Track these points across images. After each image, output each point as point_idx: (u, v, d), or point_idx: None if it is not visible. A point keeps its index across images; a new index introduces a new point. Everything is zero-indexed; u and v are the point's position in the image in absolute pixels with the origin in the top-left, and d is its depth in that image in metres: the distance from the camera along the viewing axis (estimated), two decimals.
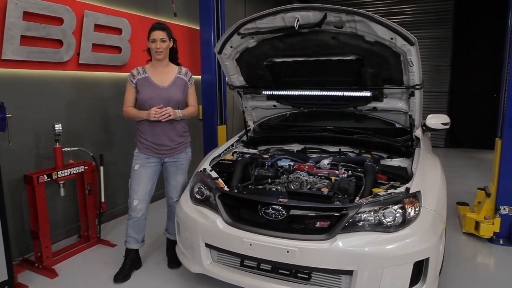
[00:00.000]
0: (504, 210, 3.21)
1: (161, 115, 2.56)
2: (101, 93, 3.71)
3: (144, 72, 2.70)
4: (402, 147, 2.85)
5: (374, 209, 2.09)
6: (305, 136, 3.25)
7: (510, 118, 3.09)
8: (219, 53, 2.87)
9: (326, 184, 2.50)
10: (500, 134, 3.24)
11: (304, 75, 2.92)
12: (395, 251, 1.99)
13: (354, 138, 3.07)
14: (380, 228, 2.06)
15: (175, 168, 2.80)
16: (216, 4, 4.32)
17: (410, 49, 2.34)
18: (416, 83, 2.59)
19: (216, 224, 2.29)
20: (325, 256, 2.02)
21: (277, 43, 2.69)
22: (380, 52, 2.49)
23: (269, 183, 2.68)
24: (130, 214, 2.74)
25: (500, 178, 3.20)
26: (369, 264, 1.97)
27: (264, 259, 2.17)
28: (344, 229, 2.04)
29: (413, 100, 2.73)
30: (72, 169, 3.03)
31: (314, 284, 2.13)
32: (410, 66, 2.47)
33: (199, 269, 2.42)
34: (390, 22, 2.23)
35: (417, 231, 2.06)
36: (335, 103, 3.09)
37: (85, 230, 3.31)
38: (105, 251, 3.20)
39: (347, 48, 2.55)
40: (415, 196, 2.16)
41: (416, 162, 2.52)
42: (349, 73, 2.76)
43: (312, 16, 2.35)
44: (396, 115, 3.01)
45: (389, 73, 2.64)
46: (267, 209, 2.16)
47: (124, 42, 3.78)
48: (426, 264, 2.05)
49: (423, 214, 2.12)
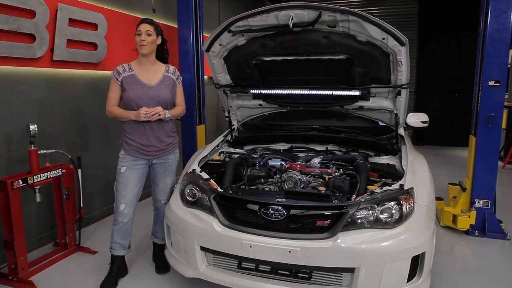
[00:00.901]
0: (479, 203, 3.39)
1: (151, 115, 2.45)
2: (76, 92, 3.51)
3: (130, 69, 2.56)
4: (388, 145, 2.93)
5: (372, 207, 2.12)
6: (292, 135, 3.25)
7: (484, 117, 3.27)
8: (207, 50, 2.80)
9: (320, 182, 2.51)
10: (474, 132, 3.42)
11: (293, 74, 2.92)
12: (395, 247, 2.03)
13: (341, 137, 3.12)
14: (379, 225, 2.09)
15: (164, 169, 2.70)
16: (194, 2, 4.23)
17: (400, 49, 2.40)
18: (403, 82, 2.66)
19: (213, 226, 2.23)
20: (327, 255, 2.02)
21: (267, 41, 2.66)
22: (371, 52, 2.53)
23: (262, 183, 2.64)
24: (116, 219, 2.60)
25: (475, 173, 3.37)
26: (370, 261, 2.00)
27: (264, 260, 2.13)
28: (344, 227, 2.06)
29: (400, 99, 2.80)
30: (49, 172, 2.83)
31: (314, 283, 2.12)
32: (399, 66, 2.53)
33: (194, 274, 2.34)
34: (384, 22, 2.28)
35: (413, 227, 2.11)
36: (322, 102, 3.10)
37: (63, 238, 3.10)
38: (86, 259, 3.02)
39: (338, 48, 2.58)
40: (409, 193, 2.22)
41: (405, 160, 2.59)
42: (338, 72, 2.79)
43: (307, 15, 2.34)
44: (382, 114, 3.08)
45: (378, 73, 2.70)
46: (267, 209, 2.13)
47: (100, 38, 3.59)
48: (422, 259, 2.11)
49: (417, 210, 2.18)
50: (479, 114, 3.32)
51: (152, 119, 2.47)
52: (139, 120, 2.49)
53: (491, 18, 3.13)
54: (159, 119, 2.52)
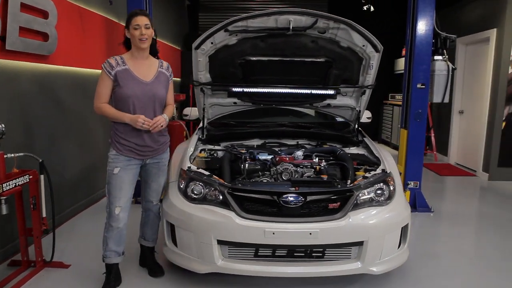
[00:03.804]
0: (410, 184, 4.12)
1: (153, 128, 2.35)
2: (23, 87, 3.06)
3: (124, 63, 2.40)
4: (353, 138, 3.37)
5: (369, 189, 2.48)
6: (265, 132, 3.45)
7: (414, 113, 3.99)
8: (196, 48, 2.81)
9: (313, 172, 2.78)
10: (405, 126, 4.14)
11: (275, 73, 3.11)
12: (391, 220, 2.43)
13: (311, 132, 3.45)
14: (375, 203, 2.46)
15: (157, 169, 2.60)
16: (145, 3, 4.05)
17: (375, 55, 2.83)
18: (370, 83, 3.12)
19: (232, 219, 2.29)
20: (342, 233, 2.30)
21: (258, 42, 2.82)
22: (349, 57, 2.91)
23: (259, 176, 2.78)
24: (111, 224, 2.43)
25: (407, 159, 4.09)
26: (376, 233, 2.35)
27: (284, 244, 2.30)
28: (353, 207, 2.37)
29: (363, 98, 3.27)
30: (17, 179, 2.46)
31: (327, 260, 2.38)
32: (370, 69, 2.97)
33: (210, 269, 2.37)
34: (367, 31, 2.67)
35: (399, 203, 2.55)
36: (296, 100, 3.39)
37: (25, 254, 2.71)
38: (59, 275, 2.69)
39: (322, 51, 2.89)
40: (391, 175, 2.65)
41: (374, 149, 3.05)
42: (316, 74, 3.10)
43: (304, 20, 2.59)
44: (345, 111, 3.51)
45: (350, 75, 3.10)
46: (286, 198, 2.30)
47: (51, 28, 3.21)
48: (406, 228, 2.56)
49: (397, 189, 2.63)
50: (409, 111, 4.04)
51: (154, 131, 2.38)
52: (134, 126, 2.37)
53: (417, 33, 3.85)
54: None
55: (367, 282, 2.60)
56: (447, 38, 3.93)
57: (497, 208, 4.35)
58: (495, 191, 5.06)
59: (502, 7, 5.21)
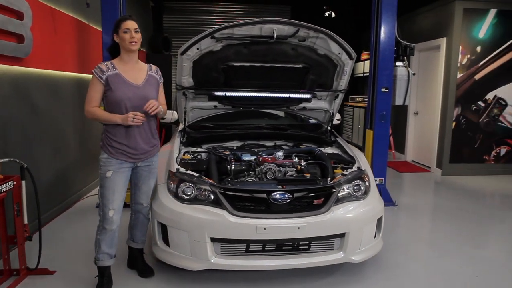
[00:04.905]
0: (376, 181, 4.44)
1: (150, 109, 2.39)
2: None
3: (114, 68, 2.45)
4: (326, 138, 3.61)
5: (347, 185, 2.71)
6: (244, 134, 3.60)
7: (379, 114, 4.33)
8: (182, 54, 2.90)
9: (295, 171, 2.96)
10: (371, 127, 4.48)
11: (256, 78, 3.27)
12: (368, 213, 2.67)
13: (288, 133, 3.64)
14: (353, 198, 2.69)
15: (148, 172, 2.65)
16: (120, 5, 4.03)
17: (349, 62, 3.08)
18: (343, 88, 3.37)
19: (225, 217, 2.42)
20: (326, 226, 2.50)
21: (242, 48, 2.96)
22: (325, 63, 3.14)
23: (244, 176, 2.92)
24: (104, 227, 2.46)
25: (374, 158, 4.42)
26: (356, 225, 2.58)
27: (273, 239, 2.47)
28: (335, 202, 2.58)
29: (336, 101, 3.52)
30: (2, 186, 2.41)
31: (313, 252, 2.58)
32: (344, 75, 3.22)
33: (205, 265, 2.47)
34: (343, 41, 2.91)
35: (374, 197, 2.81)
36: (274, 103, 3.57)
37: (7, 263, 2.64)
38: (45, 282, 2.64)
39: (301, 58, 3.09)
40: (366, 173, 2.91)
41: (348, 149, 3.30)
42: (294, 79, 3.31)
43: (287, 30, 2.77)
44: (318, 113, 3.75)
45: (325, 80, 3.33)
46: (275, 195, 2.47)
47: (26, 29, 3.13)
48: (381, 220, 2.83)
49: (372, 185, 2.89)
50: (374, 113, 4.37)
51: (153, 113, 2.43)
52: (126, 125, 2.42)
53: (381, 42, 4.19)
54: (147, 118, 2.48)
55: (346, 269, 2.83)
56: (407, 46, 4.32)
57: (450, 200, 4.82)
58: (448, 185, 5.58)
59: (450, 18, 5.76)
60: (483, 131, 5.99)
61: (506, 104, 5.94)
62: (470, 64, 5.80)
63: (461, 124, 5.94)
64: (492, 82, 5.87)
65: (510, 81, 5.89)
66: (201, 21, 8.76)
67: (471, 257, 3.14)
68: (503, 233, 3.85)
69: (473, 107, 5.92)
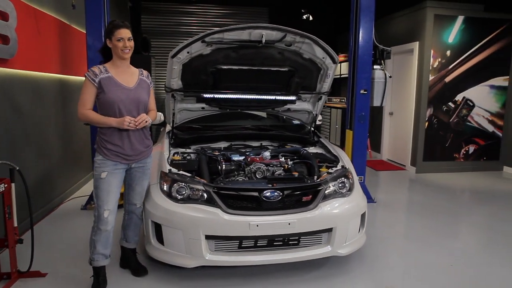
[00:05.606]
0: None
1: (138, 123, 2.47)
2: None
3: (106, 71, 2.49)
4: (310, 138, 3.76)
5: (333, 182, 2.86)
6: (231, 135, 3.69)
7: (358, 115, 4.54)
8: (172, 57, 2.96)
9: (282, 170, 3.09)
10: (350, 127, 4.68)
11: (243, 81, 3.37)
12: (353, 209, 2.83)
13: (273, 134, 3.77)
14: (339, 195, 2.85)
15: (142, 173, 2.70)
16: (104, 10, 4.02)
17: (332, 66, 3.24)
18: (326, 90, 3.53)
19: (219, 215, 2.51)
20: (315, 221, 2.64)
21: (230, 52, 3.06)
22: (309, 67, 3.29)
23: (235, 175, 3.02)
24: (99, 228, 2.49)
25: (354, 156, 4.62)
26: (342, 220, 2.74)
27: (265, 235, 2.58)
28: (322, 199, 2.72)
29: (319, 103, 3.68)
30: None
31: (302, 246, 2.71)
32: (327, 78, 3.38)
33: (199, 262, 2.55)
34: (327, 46, 3.06)
35: (358, 194, 2.97)
36: (259, 105, 3.68)
37: None
38: (37, 285, 2.64)
39: (287, 62, 3.22)
40: (349, 171, 3.07)
41: (332, 148, 3.47)
42: (280, 81, 3.43)
43: (275, 35, 2.90)
44: (302, 114, 3.89)
45: (309, 82, 3.48)
46: (266, 193, 2.58)
47: (11, 30, 3.10)
48: (364, 215, 3.00)
49: (355, 182, 3.06)
50: (354, 114, 4.57)
51: (139, 127, 2.50)
52: (121, 128, 2.48)
53: (360, 47, 4.39)
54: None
55: (333, 263, 2.99)
56: (384, 50, 4.54)
57: (424, 196, 5.11)
58: (422, 182, 5.88)
59: (422, 23, 6.08)
60: (453, 131, 6.35)
61: (473, 105, 6.33)
62: (441, 67, 6.14)
63: (433, 124, 6.27)
64: (461, 84, 6.24)
65: (476, 84, 6.28)
66: (179, 22, 8.75)
67: (446, 248, 3.37)
68: (474, 225, 4.13)
69: (444, 108, 6.27)
